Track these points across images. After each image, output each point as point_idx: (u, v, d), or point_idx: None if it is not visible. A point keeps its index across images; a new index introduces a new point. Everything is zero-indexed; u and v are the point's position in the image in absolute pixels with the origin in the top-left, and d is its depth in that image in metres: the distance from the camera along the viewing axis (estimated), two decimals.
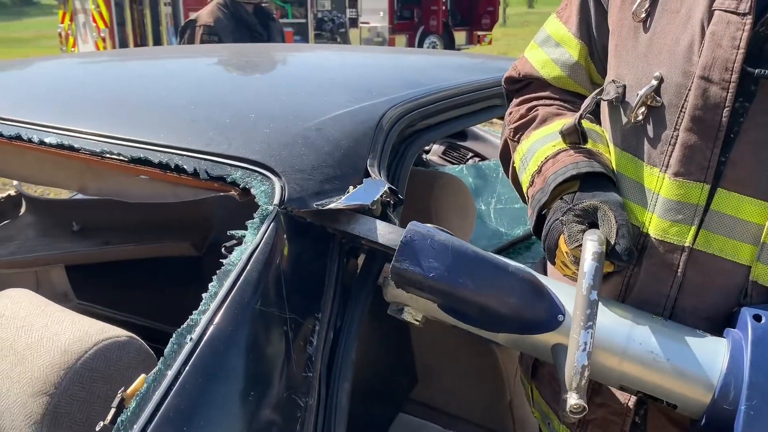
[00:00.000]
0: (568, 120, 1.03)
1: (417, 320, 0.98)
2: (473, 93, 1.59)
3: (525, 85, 1.21)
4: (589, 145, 1.02)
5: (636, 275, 0.97)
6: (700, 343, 0.88)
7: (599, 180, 0.98)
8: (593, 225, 0.93)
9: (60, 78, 1.65)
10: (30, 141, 1.17)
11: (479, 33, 17.01)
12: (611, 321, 0.90)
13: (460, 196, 1.83)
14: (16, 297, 1.06)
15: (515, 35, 23.78)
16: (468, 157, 3.42)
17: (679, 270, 0.93)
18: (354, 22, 14.71)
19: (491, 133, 3.47)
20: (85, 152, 1.12)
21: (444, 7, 16.25)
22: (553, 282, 0.95)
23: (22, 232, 1.92)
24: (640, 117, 0.94)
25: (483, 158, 3.37)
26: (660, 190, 0.93)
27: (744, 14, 0.85)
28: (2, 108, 1.31)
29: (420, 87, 1.47)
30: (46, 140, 1.16)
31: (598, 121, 1.10)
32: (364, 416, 1.59)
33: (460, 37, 17.00)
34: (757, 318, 0.87)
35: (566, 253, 0.94)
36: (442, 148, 3.46)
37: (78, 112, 1.29)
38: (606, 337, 0.88)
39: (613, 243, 0.89)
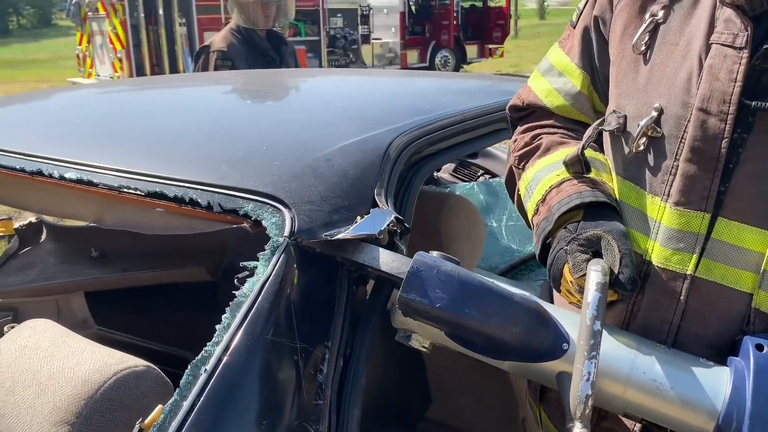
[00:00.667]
0: (571, 149, 1.06)
1: (425, 347, 1.01)
2: (480, 118, 1.61)
3: (529, 113, 1.23)
4: (592, 174, 1.04)
5: (639, 302, 0.99)
6: (703, 371, 0.90)
7: (603, 209, 1.00)
8: (597, 254, 0.95)
9: (79, 112, 1.71)
10: (51, 176, 1.21)
11: (491, 46, 17.08)
12: (615, 349, 0.92)
13: (470, 217, 1.86)
14: (38, 327, 1.10)
15: (527, 47, 23.80)
16: (479, 174, 3.44)
17: (681, 297, 0.94)
18: (366, 39, 14.84)
19: (502, 150, 3.49)
20: (103, 187, 1.16)
21: (455, 22, 16.35)
22: (558, 310, 0.97)
23: (43, 258, 1.98)
24: (641, 147, 0.96)
25: (494, 175, 3.39)
26: (661, 218, 0.95)
27: (740, 48, 0.88)
28: (24, 143, 1.36)
29: (427, 114, 1.50)
30: (66, 175, 1.20)
31: (602, 149, 1.12)
32: None
33: (471, 50, 17.08)
34: (759, 347, 0.88)
35: (571, 282, 0.96)
36: (453, 165, 3.49)
37: (96, 147, 1.34)
38: (610, 365, 0.90)
39: (616, 272, 0.91)
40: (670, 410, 0.89)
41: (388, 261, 1.00)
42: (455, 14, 16.35)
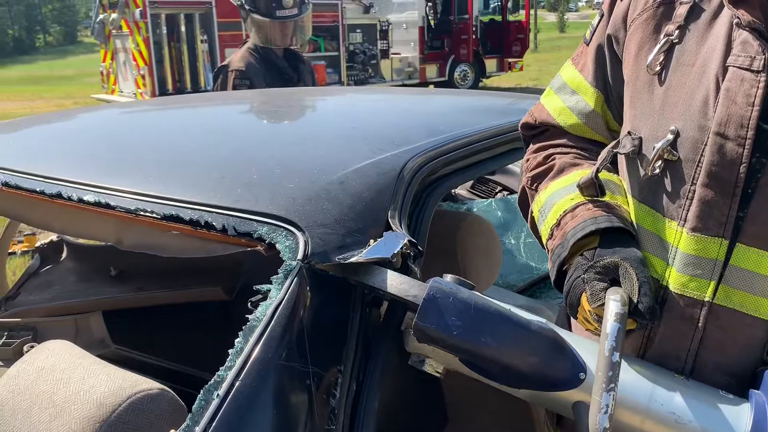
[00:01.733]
0: (585, 172, 1.04)
1: (438, 372, 1.00)
2: (496, 138, 1.61)
3: (542, 131, 1.22)
4: (607, 198, 1.03)
5: (656, 329, 0.97)
6: (722, 404, 0.88)
7: (619, 235, 0.98)
8: (614, 282, 0.93)
9: (96, 134, 1.73)
10: (70, 199, 1.23)
11: (510, 60, 17.08)
12: (633, 379, 0.90)
13: (486, 236, 1.85)
14: (55, 349, 1.12)
15: (547, 60, 23.77)
16: (497, 190, 3.43)
17: (699, 324, 0.93)
18: (385, 54, 14.93)
19: (520, 166, 3.46)
20: (120, 210, 1.18)
21: (474, 36, 16.39)
22: (575, 338, 0.96)
23: (63, 277, 2.01)
24: (657, 171, 0.94)
25: (512, 192, 3.37)
26: (678, 244, 0.93)
27: (758, 71, 0.86)
28: (44, 166, 1.39)
29: (442, 134, 1.50)
30: (85, 198, 1.22)
31: (616, 170, 1.10)
32: None
33: (491, 64, 17.09)
34: None
35: (589, 311, 0.94)
36: (471, 182, 3.48)
37: (114, 169, 1.36)
38: (628, 396, 0.88)
39: (635, 301, 0.89)
40: None
41: (401, 285, 0.99)
42: (474, 28, 16.39)
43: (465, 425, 1.91)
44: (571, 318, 1.13)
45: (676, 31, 0.95)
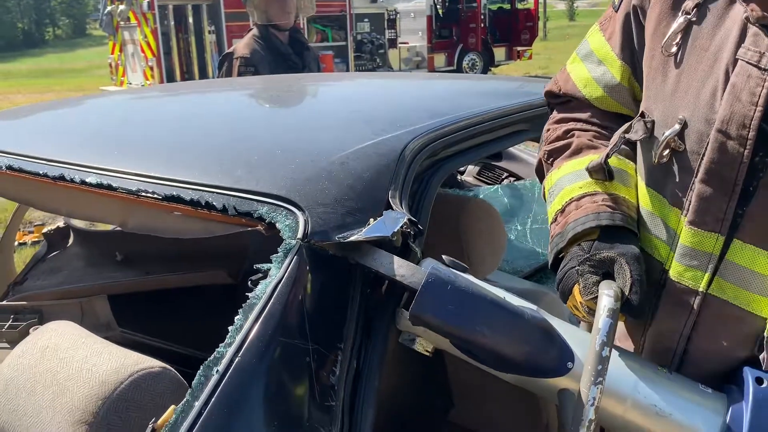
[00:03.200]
0: (596, 156, 1.04)
1: (428, 351, 1.01)
2: (498, 119, 1.60)
3: (566, 101, 1.20)
4: (614, 188, 1.02)
5: (655, 308, 0.98)
6: (702, 399, 0.91)
7: (620, 230, 0.98)
8: (607, 275, 0.94)
9: (99, 118, 1.74)
10: (72, 181, 1.24)
11: (519, 48, 17.00)
12: (619, 370, 0.92)
13: (490, 220, 1.84)
14: (59, 330, 1.13)
15: (556, 49, 23.62)
16: (503, 177, 3.42)
17: (694, 310, 0.94)
18: (393, 43, 14.88)
19: (527, 152, 3.46)
20: (122, 191, 1.18)
21: (482, 25, 16.30)
22: (565, 326, 0.97)
23: (70, 262, 2.02)
24: (665, 159, 0.94)
25: (518, 178, 3.36)
26: (680, 233, 0.94)
27: (765, 69, 0.84)
28: (48, 149, 1.40)
29: (444, 116, 1.49)
30: (87, 180, 1.23)
31: (633, 150, 1.09)
32: None
33: (499, 53, 17.02)
34: (759, 381, 0.89)
35: (581, 302, 0.95)
36: (477, 168, 3.47)
37: (116, 152, 1.36)
38: (613, 386, 0.90)
39: (627, 297, 0.91)
40: None
41: (399, 269, 0.99)
42: (482, 17, 16.32)
43: (470, 410, 1.91)
44: None
45: (695, 9, 0.93)
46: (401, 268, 0.99)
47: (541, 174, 1.22)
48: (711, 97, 0.89)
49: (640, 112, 1.01)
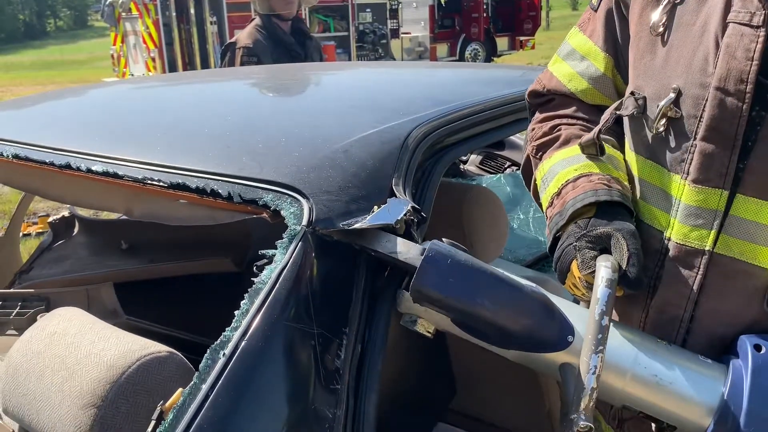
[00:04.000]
0: (585, 135, 1.06)
1: (429, 332, 1.03)
2: (501, 107, 1.61)
3: (548, 99, 1.23)
4: (605, 169, 1.05)
5: (659, 278, 1.00)
6: (702, 368, 0.92)
7: (616, 208, 1.01)
8: (605, 251, 0.96)
9: (105, 107, 1.75)
10: (78, 169, 1.25)
11: (522, 38, 16.91)
12: (619, 343, 0.93)
13: (492, 208, 1.85)
14: (66, 315, 1.14)
15: (559, 39, 23.41)
16: (506, 166, 3.42)
17: (700, 271, 0.96)
18: (395, 33, 14.81)
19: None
20: (128, 179, 1.19)
21: (485, 14, 16.21)
22: (564, 302, 0.98)
23: (75, 251, 2.04)
24: (661, 129, 0.97)
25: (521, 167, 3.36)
26: (681, 196, 0.96)
27: (757, 27, 0.87)
28: (54, 138, 1.41)
29: (447, 104, 1.50)
30: (93, 168, 1.24)
31: (621, 130, 1.12)
32: (401, 426, 1.62)
33: (502, 43, 16.93)
34: (757, 347, 0.90)
35: (579, 278, 0.97)
36: (480, 158, 3.47)
37: (122, 140, 1.37)
38: (613, 359, 0.91)
39: (623, 270, 0.92)
40: (668, 404, 0.91)
41: (402, 250, 1.01)
42: (485, 6, 16.22)
43: (472, 396, 1.93)
44: None
45: None
46: (401, 247, 1.00)
47: (527, 173, 1.24)
48: (703, 62, 0.92)
49: (630, 91, 1.03)
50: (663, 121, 0.96)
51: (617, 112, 1.03)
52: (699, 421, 0.90)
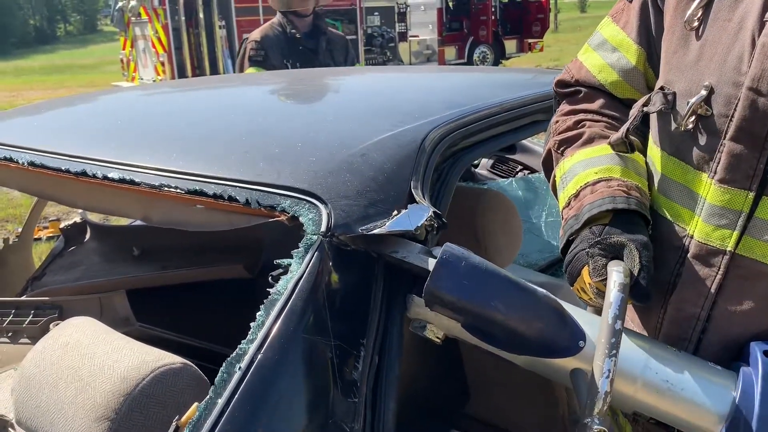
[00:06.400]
0: (614, 134, 1.05)
1: (438, 338, 1.01)
2: (516, 110, 1.59)
3: (575, 91, 1.20)
4: (629, 176, 1.03)
5: (679, 275, 0.99)
6: (712, 375, 0.91)
7: (632, 217, 0.99)
8: (617, 260, 0.95)
9: (120, 114, 1.74)
10: (94, 176, 1.23)
11: (530, 41, 16.89)
12: (629, 349, 0.92)
13: (506, 213, 1.83)
14: (80, 325, 1.12)
15: (567, 41, 23.47)
16: (517, 170, 3.40)
17: (720, 272, 0.95)
18: (403, 36, 14.82)
19: (541, 145, 3.43)
20: (145, 186, 1.17)
21: (493, 17, 16.20)
22: (575, 309, 0.97)
23: (87, 257, 2.02)
24: (690, 126, 0.95)
25: (532, 171, 3.34)
26: (707, 195, 0.95)
27: None
28: (70, 145, 1.39)
29: (462, 107, 1.48)
30: (110, 175, 1.22)
31: (647, 127, 1.10)
32: None
33: (510, 45, 16.92)
34: (767, 354, 0.89)
35: (589, 284, 0.96)
36: (491, 161, 3.45)
37: (138, 147, 1.36)
38: (624, 365, 0.90)
39: (634, 280, 0.92)
40: (679, 410, 0.90)
41: (415, 253, 1.00)
42: (493, 9, 16.22)
43: (486, 402, 1.90)
44: None
45: None
46: (414, 251, 0.99)
47: (548, 166, 1.22)
48: (737, 61, 0.90)
49: (659, 86, 1.02)
50: (692, 118, 0.94)
51: (644, 109, 1.01)
52: (710, 427, 0.89)
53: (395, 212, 1.07)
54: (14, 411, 1.12)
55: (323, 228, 1.01)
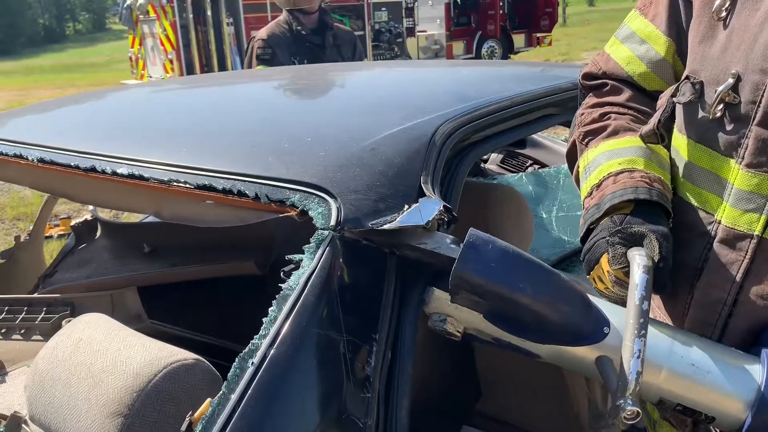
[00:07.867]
0: (638, 141, 1.06)
1: (458, 332, 1.00)
2: (527, 104, 1.58)
3: (601, 84, 1.20)
4: (652, 168, 1.03)
5: (706, 260, 1.00)
6: (738, 360, 0.92)
7: (654, 208, 1.00)
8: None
9: (129, 110, 1.74)
10: (104, 172, 1.24)
11: (538, 35, 16.77)
12: (653, 336, 0.92)
13: (517, 207, 1.82)
14: (92, 322, 1.13)
15: (576, 35, 23.32)
16: (527, 164, 3.38)
17: (747, 256, 0.95)
18: (411, 32, 14.75)
19: (551, 139, 3.41)
20: (154, 181, 1.17)
21: (501, 11, 16.10)
22: (596, 298, 0.97)
23: (98, 254, 2.03)
24: (718, 114, 0.95)
25: (543, 165, 3.32)
26: (735, 180, 0.95)
27: None
28: (79, 141, 1.39)
29: (472, 101, 1.47)
30: (119, 171, 1.22)
31: (671, 118, 1.09)
32: (426, 430, 1.59)
33: (518, 40, 16.81)
34: None
35: (608, 272, 0.96)
36: (501, 156, 3.43)
37: (147, 143, 1.36)
38: (649, 352, 0.90)
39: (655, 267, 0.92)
40: (706, 395, 0.90)
41: (435, 242, 0.99)
42: (501, 3, 16.11)
43: (500, 398, 1.89)
44: None
45: None
46: (434, 239, 0.99)
47: (572, 157, 1.22)
48: (765, 48, 0.90)
49: (685, 75, 1.02)
50: (720, 106, 0.95)
51: (674, 99, 1.01)
52: (737, 412, 0.89)
53: (406, 206, 1.06)
54: (28, 407, 1.12)
55: (333, 222, 1.01)
